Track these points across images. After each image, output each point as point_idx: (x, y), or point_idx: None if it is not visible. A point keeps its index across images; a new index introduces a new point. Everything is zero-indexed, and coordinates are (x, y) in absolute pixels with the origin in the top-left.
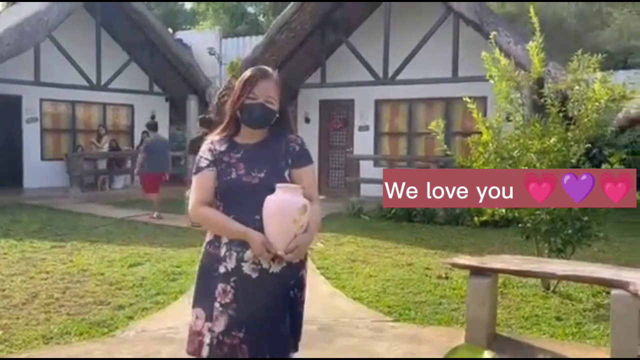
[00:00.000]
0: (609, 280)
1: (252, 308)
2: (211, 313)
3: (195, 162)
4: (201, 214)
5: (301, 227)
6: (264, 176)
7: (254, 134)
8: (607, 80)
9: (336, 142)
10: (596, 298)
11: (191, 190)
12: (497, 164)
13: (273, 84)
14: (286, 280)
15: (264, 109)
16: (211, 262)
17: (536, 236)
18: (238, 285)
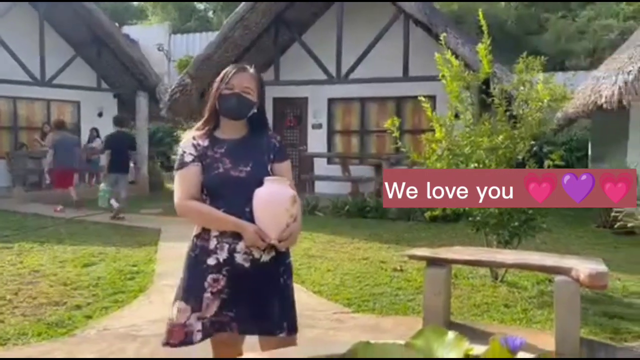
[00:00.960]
0: (554, 267)
1: (244, 293)
2: (199, 304)
3: (178, 158)
4: (190, 207)
5: (292, 217)
6: (251, 170)
7: (234, 128)
8: (549, 81)
9: (290, 139)
10: (540, 286)
11: (175, 185)
12: (450, 160)
13: (249, 76)
14: (276, 268)
15: (241, 98)
16: (200, 255)
17: (485, 229)
18: (230, 274)
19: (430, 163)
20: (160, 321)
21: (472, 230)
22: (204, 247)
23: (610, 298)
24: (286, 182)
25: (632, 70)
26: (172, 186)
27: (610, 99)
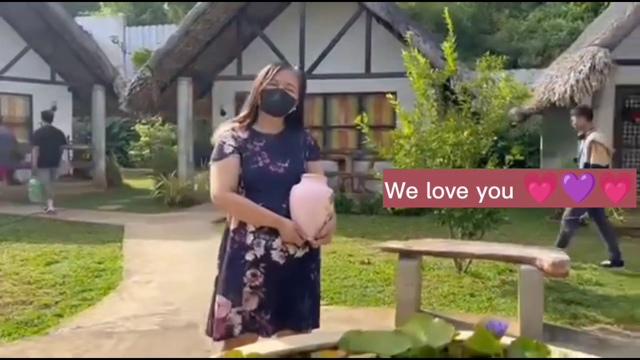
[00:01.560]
0: (519, 257)
1: (279, 292)
2: (239, 298)
3: (216, 148)
4: (230, 200)
5: (329, 215)
6: (288, 166)
7: (272, 123)
8: (510, 79)
9: None
10: (501, 276)
11: (214, 176)
12: (417, 155)
13: (293, 74)
14: (308, 264)
15: (284, 95)
16: (237, 250)
17: (450, 221)
18: (267, 270)
19: (399, 158)
20: (135, 318)
21: (438, 223)
22: (241, 243)
23: (567, 286)
24: (324, 179)
25: (582, 69)
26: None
27: (562, 96)
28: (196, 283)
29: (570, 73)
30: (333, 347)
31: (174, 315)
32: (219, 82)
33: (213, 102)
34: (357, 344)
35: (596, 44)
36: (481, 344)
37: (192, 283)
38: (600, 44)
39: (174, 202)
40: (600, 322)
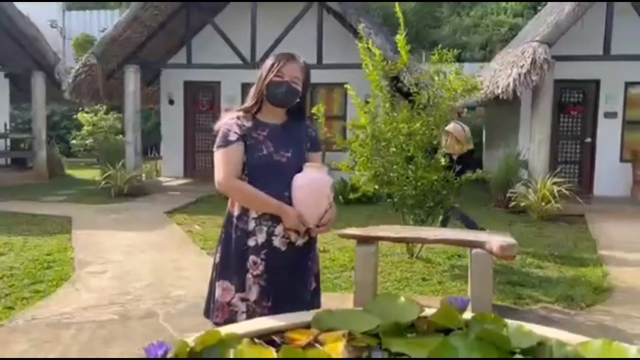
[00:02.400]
0: (471, 241)
1: (280, 279)
2: (242, 284)
3: (220, 135)
4: (236, 186)
5: (330, 203)
6: (291, 156)
7: (276, 113)
8: (460, 72)
9: (202, 124)
10: (451, 261)
11: (218, 162)
12: (373, 145)
13: (299, 67)
14: (307, 252)
15: (290, 88)
16: (241, 236)
17: (403, 209)
18: (268, 257)
19: (355, 148)
20: (92, 308)
21: (392, 210)
22: (244, 229)
23: (510, 269)
24: (325, 169)
25: (524, 64)
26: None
27: (506, 90)
28: (153, 273)
29: (512, 68)
30: (306, 326)
31: (132, 304)
32: (167, 70)
33: (161, 91)
34: (329, 322)
35: (537, 40)
36: (445, 319)
37: (149, 273)
38: (540, 40)
39: (122, 193)
40: (542, 302)
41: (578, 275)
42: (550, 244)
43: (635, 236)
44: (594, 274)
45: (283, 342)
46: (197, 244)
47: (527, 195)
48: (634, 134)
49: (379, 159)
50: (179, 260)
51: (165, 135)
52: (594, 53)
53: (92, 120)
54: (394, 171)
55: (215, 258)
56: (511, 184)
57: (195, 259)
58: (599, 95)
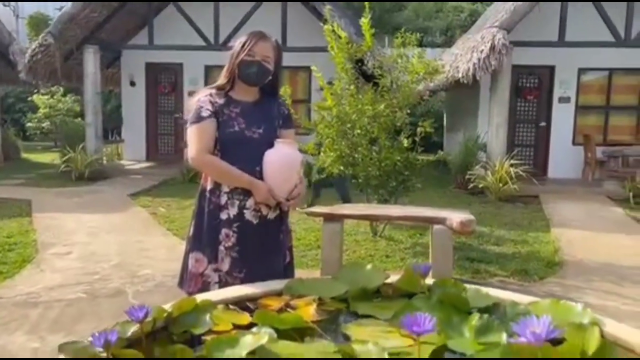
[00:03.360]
0: (432, 217)
1: (252, 251)
2: (215, 255)
3: (193, 112)
4: (208, 161)
5: (300, 178)
6: (263, 132)
7: (248, 91)
8: (422, 55)
9: (165, 106)
10: (412, 239)
11: (191, 138)
12: (339, 127)
13: (270, 46)
14: (279, 226)
15: (261, 67)
16: (213, 210)
17: (367, 189)
18: (240, 230)
19: (321, 129)
20: (59, 287)
21: (356, 190)
22: (216, 203)
23: (470, 247)
24: (296, 145)
25: (484, 49)
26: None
27: (466, 74)
28: (119, 253)
29: (472, 52)
30: (278, 294)
31: (100, 283)
32: (128, 51)
33: (122, 72)
34: (300, 290)
35: (495, 25)
36: (409, 284)
37: (115, 253)
38: (499, 26)
39: (83, 177)
40: (499, 275)
41: (532, 251)
42: (507, 222)
43: (585, 215)
44: (547, 249)
45: (256, 307)
46: (162, 226)
47: (485, 177)
48: (586, 118)
49: (344, 141)
50: (145, 242)
51: (126, 118)
52: (550, 39)
53: (48, 103)
54: (359, 152)
55: (189, 231)
56: (470, 166)
57: (162, 240)
58: (554, 81)
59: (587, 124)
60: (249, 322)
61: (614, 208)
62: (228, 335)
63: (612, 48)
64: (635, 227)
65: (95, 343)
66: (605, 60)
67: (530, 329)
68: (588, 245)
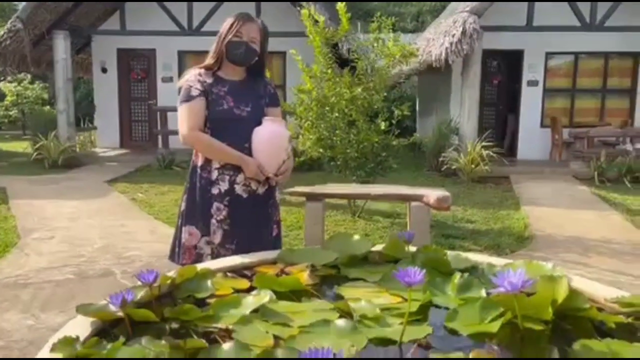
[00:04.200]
0: (410, 195)
1: (243, 223)
2: (207, 229)
3: (183, 91)
4: (199, 138)
5: (287, 154)
6: (251, 110)
7: (235, 71)
8: (397, 39)
9: (138, 93)
10: (389, 218)
11: (182, 116)
12: (318, 109)
13: (256, 27)
14: (267, 200)
15: (248, 48)
16: (204, 185)
17: (346, 171)
18: (231, 203)
19: (300, 112)
20: (47, 269)
21: (335, 171)
22: (207, 178)
23: (445, 224)
24: (283, 122)
25: (456, 33)
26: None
27: (439, 58)
28: (103, 237)
29: (445, 37)
30: (272, 262)
31: (87, 265)
32: (99, 37)
33: (93, 59)
34: (293, 258)
35: (467, 10)
36: (394, 250)
37: (99, 237)
38: (470, 11)
39: (57, 164)
40: (473, 250)
41: (504, 227)
42: (479, 201)
43: (552, 193)
44: (518, 225)
45: (253, 274)
46: (143, 211)
47: (458, 159)
48: (553, 101)
49: (323, 123)
50: (127, 225)
51: (99, 105)
52: (518, 24)
53: (15, 90)
54: (337, 135)
55: (181, 206)
56: (443, 148)
57: (144, 224)
58: (522, 65)
59: (554, 107)
60: (248, 287)
61: (580, 187)
62: (231, 297)
63: (577, 32)
64: (599, 204)
65: (113, 302)
66: (571, 44)
67: (507, 279)
68: (556, 221)
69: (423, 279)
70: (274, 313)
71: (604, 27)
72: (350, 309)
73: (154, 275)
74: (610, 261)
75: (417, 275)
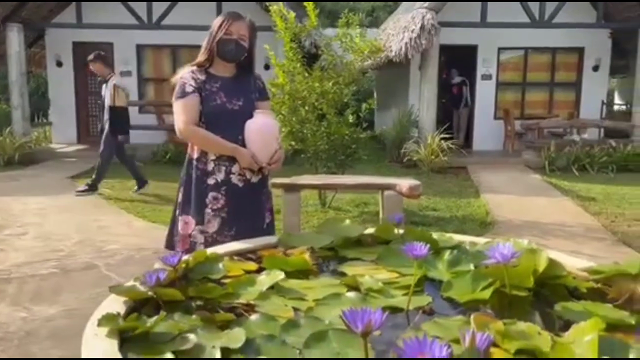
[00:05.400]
0: (384, 184)
1: (240, 211)
2: (202, 218)
3: (178, 88)
4: (196, 132)
5: (279, 144)
6: (242, 104)
7: (226, 67)
8: (364, 35)
9: (95, 88)
10: (358, 208)
11: (178, 112)
12: (291, 103)
13: (245, 25)
14: (261, 188)
15: (238, 45)
16: (200, 176)
17: (317, 162)
18: (228, 193)
19: (273, 105)
20: (27, 264)
21: (307, 164)
22: (203, 170)
23: (411, 212)
24: (273, 114)
25: (415, 29)
26: None
27: (398, 53)
28: (79, 232)
29: (404, 32)
30: (273, 246)
31: (68, 259)
32: (53, 30)
33: (47, 52)
34: (292, 242)
35: (425, 6)
36: (385, 232)
37: (75, 232)
38: (428, 7)
39: (13, 161)
40: None
41: (466, 214)
42: (440, 191)
43: (506, 180)
44: (479, 212)
45: (257, 258)
46: (113, 206)
47: (418, 151)
48: (505, 94)
49: (295, 117)
50: (101, 220)
51: (54, 99)
52: (473, 20)
53: None
54: (308, 128)
55: (178, 197)
56: (404, 141)
57: (117, 218)
58: (477, 59)
59: (506, 100)
60: (257, 268)
61: (532, 175)
62: (246, 277)
63: (527, 29)
64: (552, 191)
65: (148, 281)
66: (522, 39)
67: (498, 251)
68: (514, 207)
69: (428, 252)
70: (287, 289)
71: (551, 23)
72: (358, 283)
73: (177, 258)
74: (566, 242)
75: (422, 250)
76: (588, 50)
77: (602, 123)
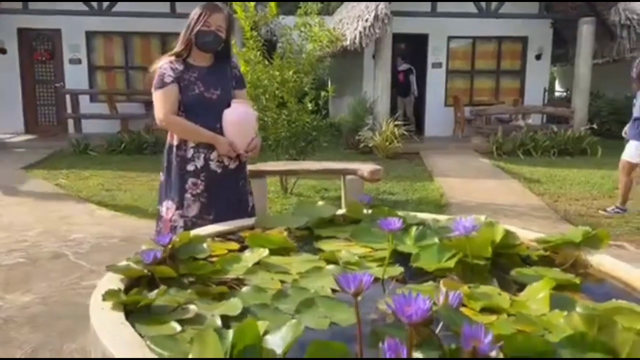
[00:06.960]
0: (346, 169)
1: (219, 196)
2: (181, 203)
3: (157, 78)
4: (175, 121)
5: (256, 132)
6: (220, 93)
7: (204, 57)
8: (323, 24)
9: (43, 76)
10: (319, 194)
11: (158, 102)
12: (252, 92)
13: (223, 17)
14: (238, 174)
15: (216, 36)
16: (180, 162)
17: (278, 150)
18: (207, 178)
19: None
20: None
21: (268, 151)
22: (183, 157)
23: (370, 196)
24: (250, 103)
25: (369, 18)
26: None
27: (353, 42)
28: (41, 222)
29: (358, 21)
30: (251, 228)
31: (34, 249)
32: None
33: None
34: (269, 223)
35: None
36: (356, 212)
37: (36, 222)
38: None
39: None
40: None
41: (422, 197)
42: (396, 176)
43: (457, 165)
44: (434, 195)
45: (238, 238)
46: (72, 196)
47: (373, 137)
48: (455, 82)
49: (256, 105)
50: (62, 210)
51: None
52: (424, 10)
53: None
54: (269, 116)
55: (160, 183)
56: (359, 128)
57: (78, 207)
58: (427, 48)
59: (456, 87)
60: (239, 248)
61: (482, 159)
62: (231, 255)
63: (475, 18)
64: (500, 174)
65: (145, 259)
66: (470, 29)
67: (461, 224)
68: (465, 190)
69: (402, 226)
70: (272, 265)
71: (497, 14)
72: (336, 257)
73: (169, 239)
74: (515, 220)
75: (397, 224)
76: (531, 40)
77: (544, 109)
